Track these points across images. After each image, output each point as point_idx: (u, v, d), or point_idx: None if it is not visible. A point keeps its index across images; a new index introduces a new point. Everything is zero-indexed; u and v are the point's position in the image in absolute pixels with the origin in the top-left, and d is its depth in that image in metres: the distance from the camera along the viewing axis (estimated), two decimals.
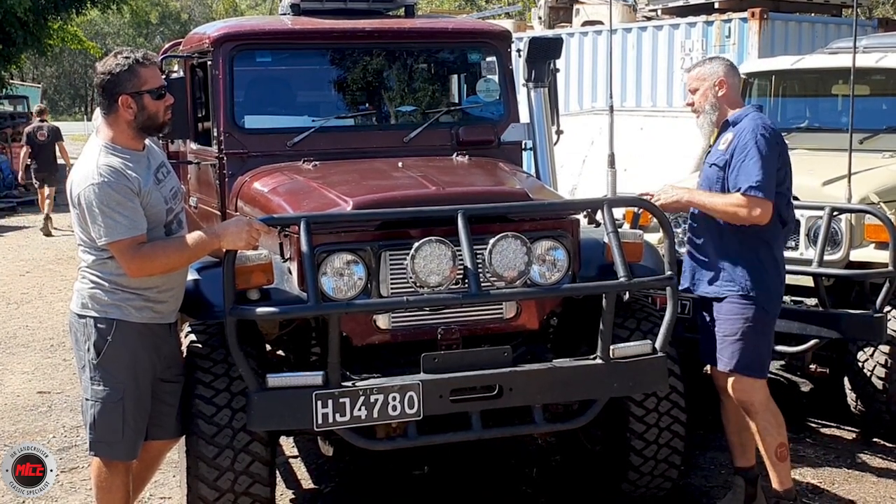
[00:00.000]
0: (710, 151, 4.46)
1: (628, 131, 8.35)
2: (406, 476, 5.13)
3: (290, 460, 5.46)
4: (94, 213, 3.61)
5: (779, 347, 5.14)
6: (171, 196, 3.87)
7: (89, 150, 3.76)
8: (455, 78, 6.03)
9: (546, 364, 4.04)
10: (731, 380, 4.33)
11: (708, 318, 4.42)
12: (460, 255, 3.81)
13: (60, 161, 15.95)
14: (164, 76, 3.96)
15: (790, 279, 4.77)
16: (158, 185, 3.80)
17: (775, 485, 4.40)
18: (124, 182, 3.64)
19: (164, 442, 4.10)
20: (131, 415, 3.80)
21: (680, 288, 4.42)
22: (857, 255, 5.60)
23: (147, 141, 3.88)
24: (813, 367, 5.83)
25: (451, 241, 3.81)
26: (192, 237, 3.76)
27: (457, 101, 5.92)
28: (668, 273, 4.12)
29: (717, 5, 11.55)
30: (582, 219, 4.84)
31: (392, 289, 3.98)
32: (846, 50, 6.71)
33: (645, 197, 4.39)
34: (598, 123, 8.59)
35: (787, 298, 5.37)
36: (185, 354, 4.16)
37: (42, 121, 16.51)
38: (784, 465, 4.38)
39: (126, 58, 3.72)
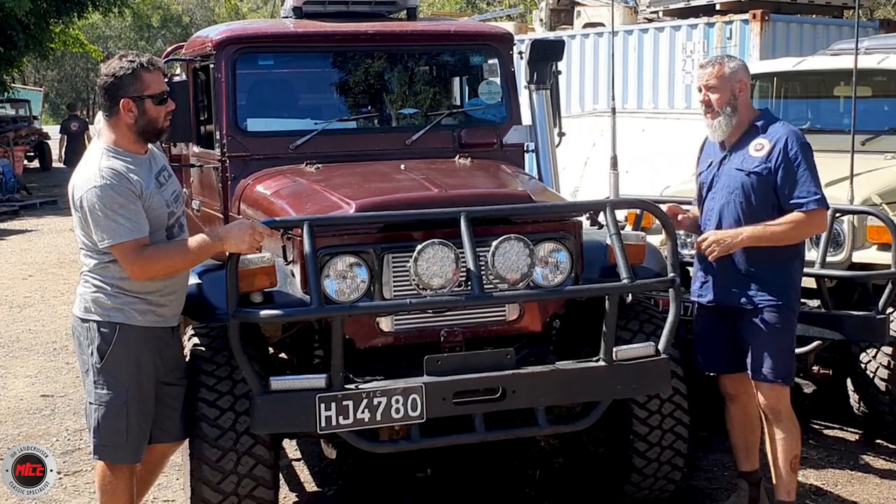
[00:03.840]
0: (726, 157, 4.29)
1: (630, 133, 8.36)
2: (409, 478, 5.13)
3: (294, 463, 5.46)
4: (97, 216, 3.61)
5: None
6: (172, 199, 3.87)
7: (91, 153, 3.76)
8: (457, 80, 6.04)
9: (549, 366, 4.04)
10: (765, 388, 4.23)
11: (721, 329, 4.35)
12: (463, 257, 3.82)
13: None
14: (166, 79, 3.96)
15: None
16: (160, 189, 3.80)
17: (782, 496, 4.34)
18: (126, 185, 3.64)
19: (167, 445, 4.10)
20: (135, 418, 3.80)
21: (700, 299, 4.37)
22: (859, 256, 5.59)
23: (149, 144, 3.88)
24: (816, 368, 5.82)
25: (453, 244, 3.81)
26: (195, 240, 3.76)
27: (459, 103, 5.93)
28: (671, 275, 4.12)
29: (718, 7, 11.56)
30: (584, 221, 4.84)
31: (395, 291, 3.98)
32: (848, 51, 6.70)
33: (704, 245, 4.19)
34: (600, 125, 8.61)
35: None
36: (188, 357, 4.17)
37: (73, 115, 22.00)
38: (794, 477, 4.33)
39: (131, 61, 3.72)
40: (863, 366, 5.49)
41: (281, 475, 4.61)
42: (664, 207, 4.30)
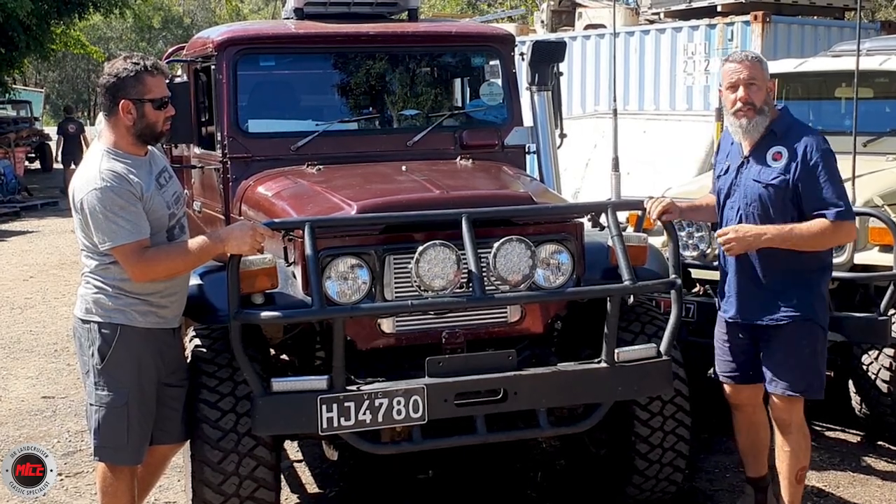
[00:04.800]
0: (744, 163, 4.12)
1: (631, 135, 8.35)
2: (411, 480, 5.12)
3: (295, 464, 5.46)
4: (98, 218, 3.61)
5: None
6: (173, 201, 3.87)
7: (91, 155, 3.76)
8: (458, 81, 6.04)
9: (550, 368, 4.04)
10: (777, 400, 4.13)
11: (746, 341, 4.25)
12: (464, 258, 3.82)
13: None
14: (168, 81, 3.96)
15: None
16: (160, 190, 3.80)
17: None
18: (127, 186, 3.64)
19: (168, 446, 4.09)
20: (136, 420, 3.80)
21: (724, 314, 4.25)
22: (861, 258, 5.59)
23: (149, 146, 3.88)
24: None
25: (455, 245, 3.81)
26: (197, 242, 3.76)
27: (460, 104, 5.93)
28: (673, 276, 4.12)
29: (719, 8, 11.55)
30: (586, 222, 4.84)
31: (396, 292, 3.98)
32: (849, 53, 6.70)
33: (722, 240, 3.99)
34: (601, 127, 8.60)
35: None
36: (189, 359, 4.16)
37: (70, 117, 22.26)
38: (799, 488, 4.26)
39: (135, 63, 3.71)
40: (864, 367, 5.49)
41: (282, 476, 4.61)
42: (657, 206, 4.18)
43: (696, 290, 5.74)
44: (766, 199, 4.05)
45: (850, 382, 5.64)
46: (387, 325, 4.05)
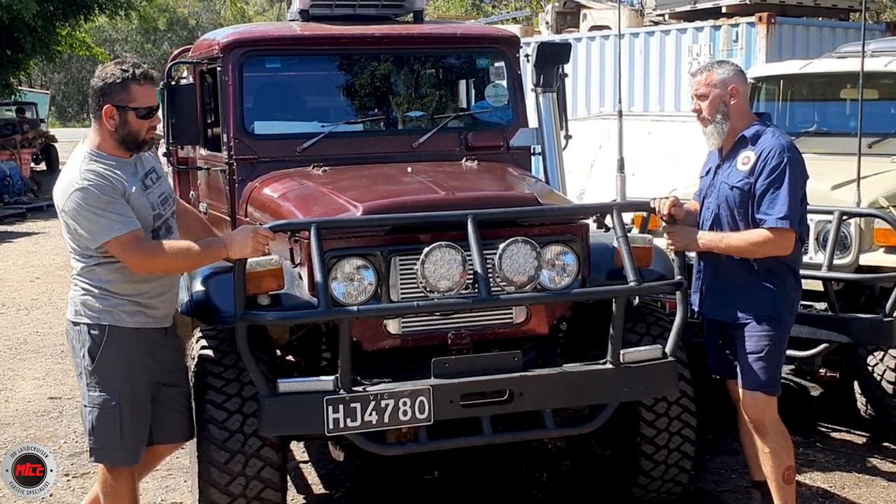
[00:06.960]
0: (720, 165, 4.24)
1: (636, 136, 8.34)
2: (417, 481, 5.14)
3: (301, 465, 5.47)
4: (86, 217, 3.59)
5: (789, 352, 5.09)
6: (159, 202, 3.84)
7: (74, 158, 3.74)
8: (463, 83, 6.04)
9: (556, 369, 4.04)
10: (749, 398, 4.19)
11: (720, 337, 4.34)
12: (470, 259, 3.82)
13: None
14: (173, 82, 3.94)
15: None
16: (146, 191, 3.78)
17: None
18: (108, 185, 3.62)
19: (167, 446, 4.10)
20: (129, 420, 3.78)
21: (698, 309, 4.35)
22: (866, 259, 5.59)
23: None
24: (823, 371, 5.81)
25: (460, 246, 3.82)
26: (202, 243, 3.77)
27: (465, 106, 5.94)
28: (678, 278, 4.12)
29: (724, 10, 11.54)
30: (591, 223, 4.84)
31: (402, 294, 3.98)
32: (855, 54, 6.69)
33: (666, 236, 4.18)
34: (606, 128, 8.59)
35: None
36: (195, 360, 4.17)
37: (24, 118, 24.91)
38: (790, 489, 4.26)
39: (124, 70, 3.68)
40: (870, 369, 5.49)
41: (288, 477, 4.62)
42: (665, 202, 4.22)
43: None
44: (732, 201, 4.14)
45: (856, 383, 5.64)
46: (392, 326, 4.06)
